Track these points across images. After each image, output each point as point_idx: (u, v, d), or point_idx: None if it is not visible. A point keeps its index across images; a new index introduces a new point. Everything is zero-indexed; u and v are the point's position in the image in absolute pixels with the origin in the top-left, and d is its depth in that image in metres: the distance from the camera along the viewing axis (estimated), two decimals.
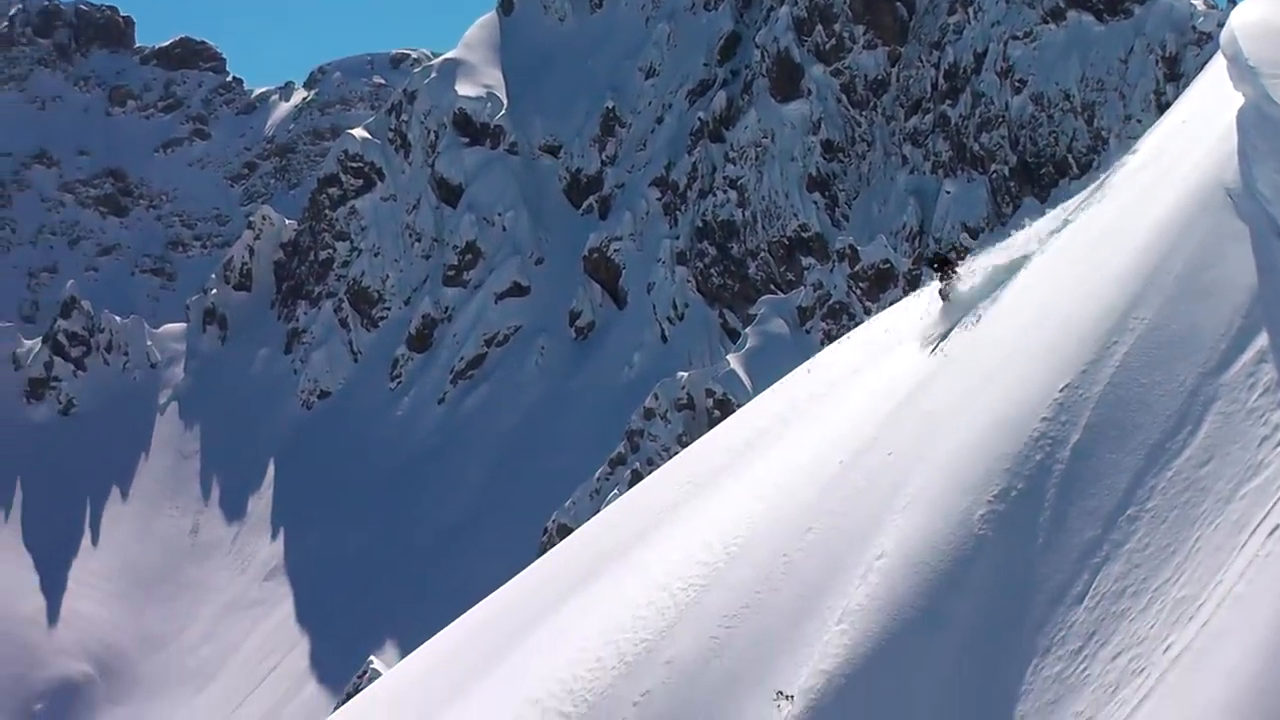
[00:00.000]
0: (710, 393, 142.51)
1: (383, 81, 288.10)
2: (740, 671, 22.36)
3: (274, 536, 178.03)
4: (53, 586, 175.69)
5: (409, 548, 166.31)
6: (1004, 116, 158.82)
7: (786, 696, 20.32)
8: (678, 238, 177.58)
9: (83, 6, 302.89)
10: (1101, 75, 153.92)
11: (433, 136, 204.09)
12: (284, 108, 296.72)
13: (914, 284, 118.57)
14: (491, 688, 29.00)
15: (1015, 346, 23.96)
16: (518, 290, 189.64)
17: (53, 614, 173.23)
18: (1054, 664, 18.19)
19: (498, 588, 39.54)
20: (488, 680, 29.63)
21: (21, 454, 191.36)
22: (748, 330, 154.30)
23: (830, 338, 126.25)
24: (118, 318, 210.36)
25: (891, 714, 18.94)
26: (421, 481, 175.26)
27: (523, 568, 41.26)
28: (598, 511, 48.14)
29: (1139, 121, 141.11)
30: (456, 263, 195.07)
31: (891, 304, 34.98)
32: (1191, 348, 19.49)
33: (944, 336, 27.65)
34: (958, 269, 29.54)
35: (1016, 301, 26.15)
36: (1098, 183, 28.40)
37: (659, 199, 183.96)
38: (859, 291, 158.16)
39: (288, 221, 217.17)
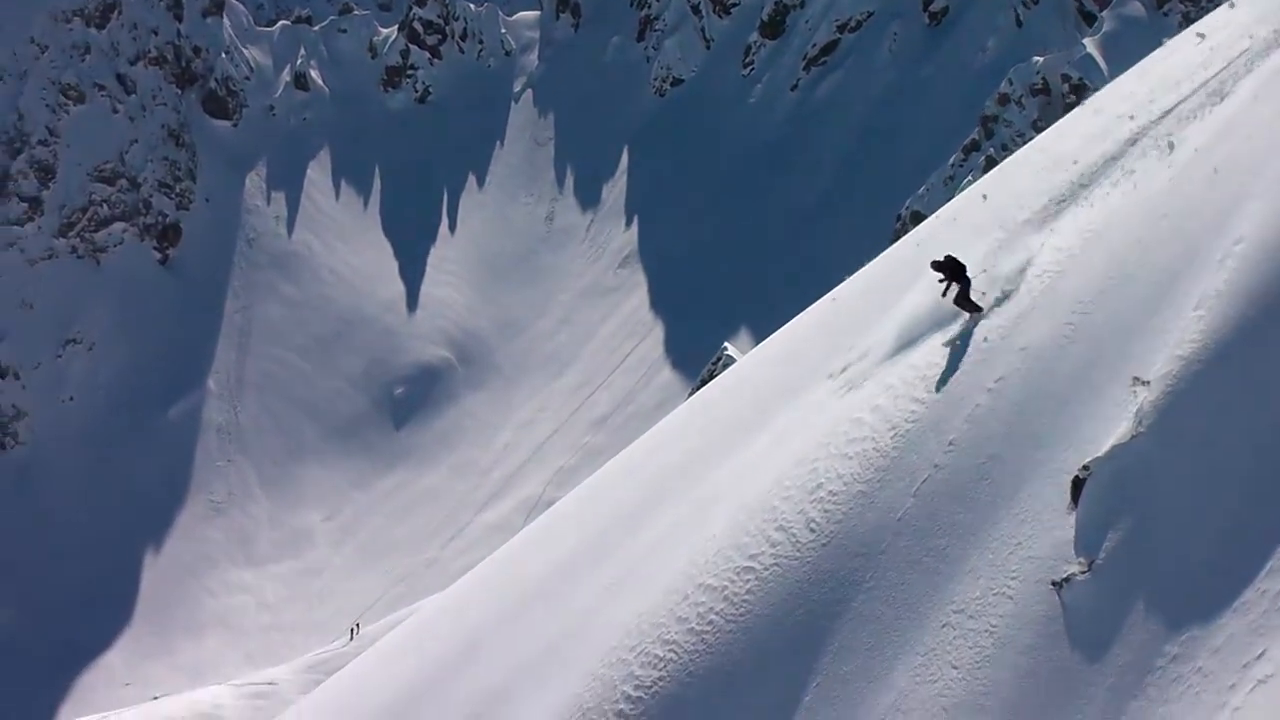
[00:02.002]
0: (1066, 78, 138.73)
1: None
2: (1095, 357, 21.93)
3: (628, 224, 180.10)
4: (411, 273, 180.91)
5: (762, 234, 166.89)
6: None
7: (1143, 382, 19.89)
8: None
9: None
10: None
11: None
12: None
13: None
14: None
15: None
16: None
17: (412, 300, 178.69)
18: None
19: (851, 274, 39.41)
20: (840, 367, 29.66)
21: (379, 142, 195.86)
22: (1104, 14, 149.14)
23: (1188, 20, 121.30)
24: (472, 5, 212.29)
25: (1248, 401, 18.39)
26: (774, 168, 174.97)
27: (876, 254, 41.01)
28: (950, 199, 47.30)
29: None
30: None
31: None
32: None
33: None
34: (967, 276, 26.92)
35: None
36: None
37: None
38: None
39: None
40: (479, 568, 45.95)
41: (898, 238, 66.93)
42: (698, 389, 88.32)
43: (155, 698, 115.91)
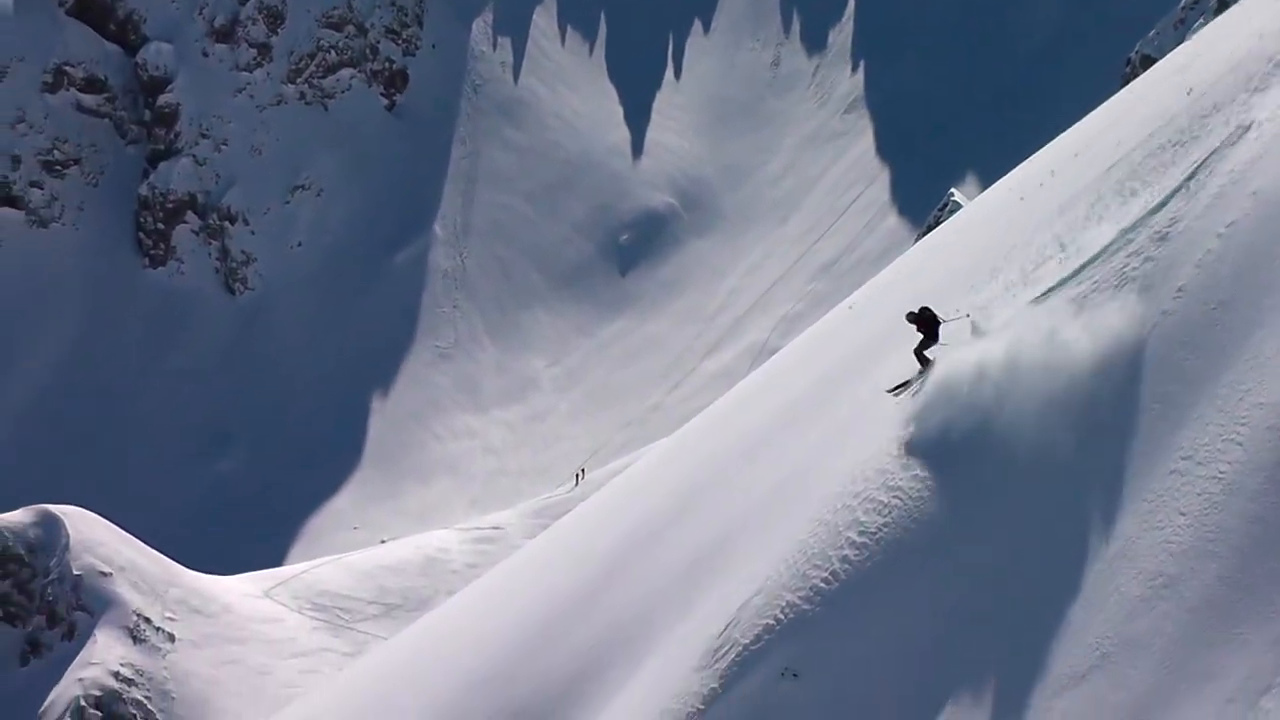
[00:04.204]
0: None
1: None
2: None
3: (854, 68, 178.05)
4: (637, 119, 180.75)
5: (989, 78, 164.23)
6: None
7: None
8: None
9: None
10: None
11: None
12: None
13: None
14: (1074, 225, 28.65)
15: None
16: None
17: (637, 146, 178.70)
18: None
19: (1077, 120, 38.77)
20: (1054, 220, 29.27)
21: None
22: None
23: None
24: None
25: None
26: (1002, 10, 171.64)
27: (1103, 100, 40.28)
28: (1180, 43, 46.10)
29: None
30: None
31: None
32: None
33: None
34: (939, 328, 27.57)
35: None
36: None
37: None
38: None
39: None
40: (703, 414, 46.33)
41: (1126, 82, 65.42)
42: (923, 235, 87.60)
43: (383, 541, 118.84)
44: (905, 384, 27.59)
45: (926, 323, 27.67)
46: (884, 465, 25.49)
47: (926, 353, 27.52)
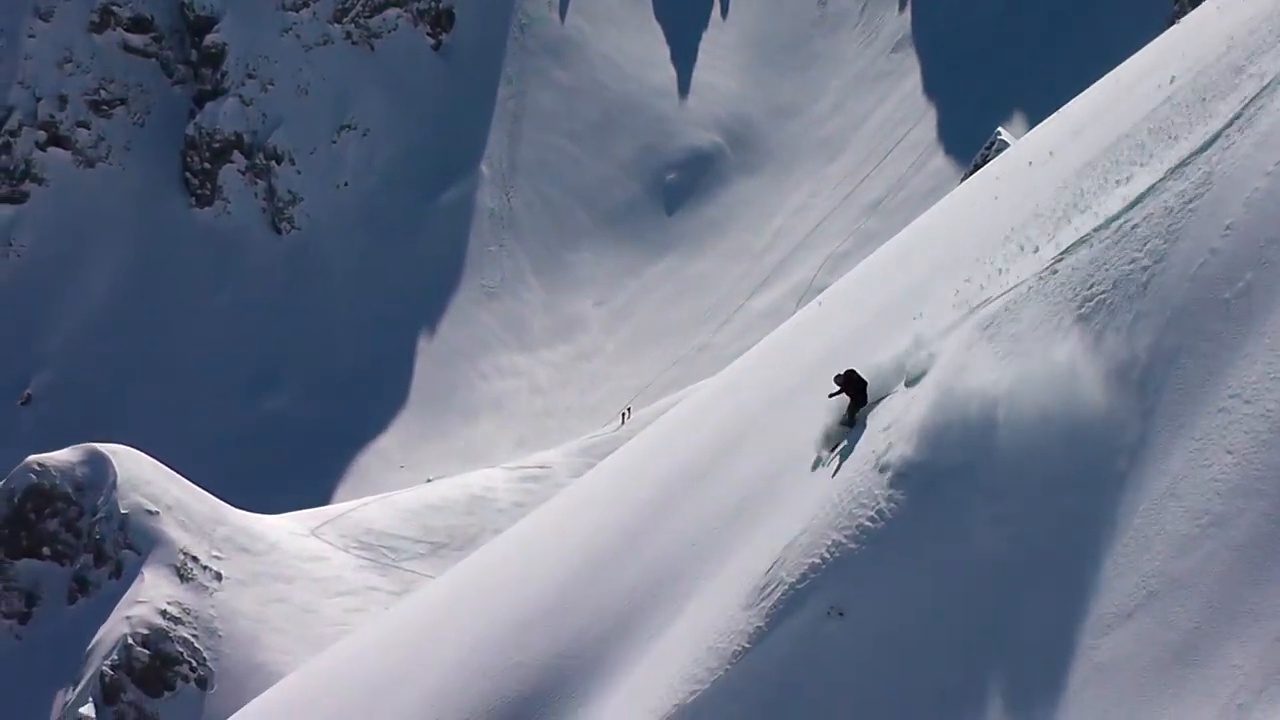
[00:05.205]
0: None
1: None
2: None
3: (901, 7, 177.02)
4: (683, 59, 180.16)
5: (1038, 17, 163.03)
6: None
7: None
8: None
9: None
10: None
11: None
12: None
13: None
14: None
15: None
16: None
17: (683, 86, 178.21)
18: None
19: (1125, 59, 38.46)
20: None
21: None
22: None
23: None
24: None
25: None
26: None
27: (1152, 37, 39.93)
28: None
29: None
30: None
31: None
32: None
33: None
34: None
35: None
36: None
37: None
38: None
39: None
40: (750, 353, 46.29)
41: (1173, 21, 64.91)
42: (971, 173, 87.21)
43: (429, 480, 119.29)
44: (836, 447, 27.66)
45: (853, 384, 27.83)
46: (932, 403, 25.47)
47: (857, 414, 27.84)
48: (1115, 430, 22.44)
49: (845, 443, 27.34)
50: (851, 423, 27.69)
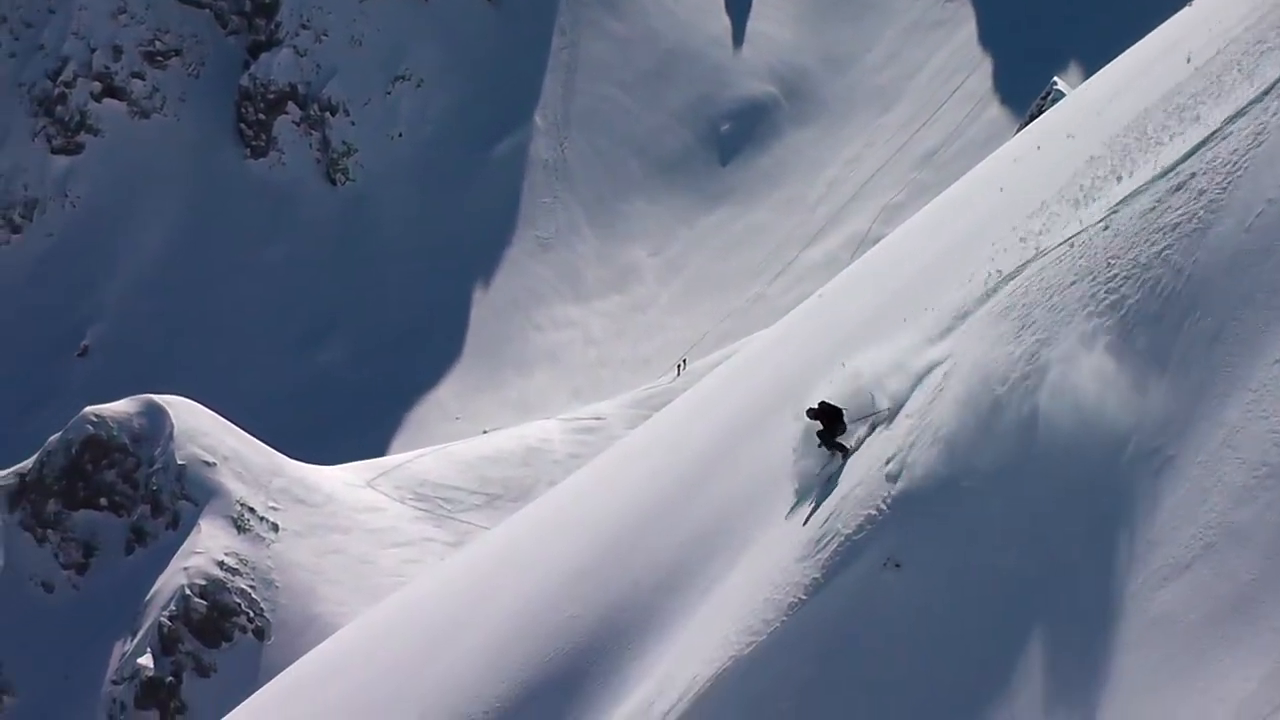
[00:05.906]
0: None
1: None
2: None
3: None
4: (737, 8, 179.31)
5: None
6: None
7: None
8: None
9: None
10: None
11: None
12: None
13: None
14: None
15: None
16: None
17: (737, 35, 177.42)
18: None
19: (1178, 9, 38.14)
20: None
21: None
22: None
23: None
24: None
25: None
26: None
27: None
28: None
29: None
30: None
31: None
32: None
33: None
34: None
35: None
36: None
37: None
38: None
39: None
40: (805, 304, 46.25)
41: None
42: (1026, 124, 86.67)
43: (485, 431, 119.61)
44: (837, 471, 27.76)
45: (828, 416, 27.87)
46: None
47: (840, 439, 27.99)
48: (1175, 379, 22.36)
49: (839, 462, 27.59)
50: (839, 447, 27.84)
